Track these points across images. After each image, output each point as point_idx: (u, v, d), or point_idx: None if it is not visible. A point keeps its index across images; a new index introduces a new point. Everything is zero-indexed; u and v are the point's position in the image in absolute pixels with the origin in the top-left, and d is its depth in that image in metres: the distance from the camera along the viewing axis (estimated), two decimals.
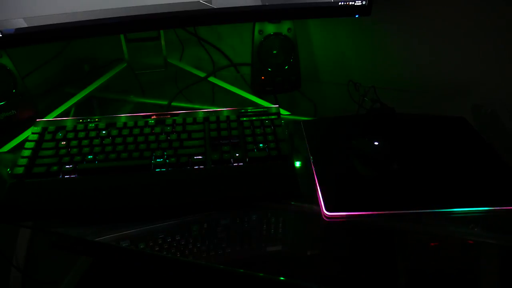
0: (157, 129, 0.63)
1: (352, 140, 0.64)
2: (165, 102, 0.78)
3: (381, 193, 0.57)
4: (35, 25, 0.59)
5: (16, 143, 0.65)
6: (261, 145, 0.61)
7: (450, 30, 0.80)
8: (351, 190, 0.57)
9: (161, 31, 0.78)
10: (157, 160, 0.58)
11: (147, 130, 0.63)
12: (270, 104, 0.76)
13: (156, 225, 0.53)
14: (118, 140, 0.61)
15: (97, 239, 0.51)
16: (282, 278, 0.47)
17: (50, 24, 0.59)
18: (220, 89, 0.83)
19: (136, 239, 0.52)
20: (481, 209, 0.54)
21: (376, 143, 0.63)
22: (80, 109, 0.77)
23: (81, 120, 0.65)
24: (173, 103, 0.79)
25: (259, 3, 0.66)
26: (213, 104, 0.82)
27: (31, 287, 0.80)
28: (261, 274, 0.48)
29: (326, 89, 0.92)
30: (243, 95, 0.80)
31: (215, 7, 0.65)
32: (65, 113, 0.74)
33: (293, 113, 0.76)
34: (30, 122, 0.65)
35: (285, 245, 0.53)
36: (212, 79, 0.84)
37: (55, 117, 0.72)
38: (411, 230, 0.54)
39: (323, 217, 0.54)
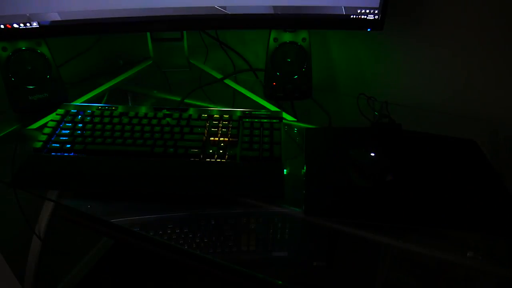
0: (164, 121, 0.68)
1: (350, 150, 0.65)
2: (187, 100, 0.84)
3: (366, 204, 0.57)
4: (67, 19, 0.67)
5: (44, 122, 0.74)
6: (255, 145, 0.64)
7: (474, 51, 0.78)
8: (336, 197, 0.58)
9: (184, 33, 0.84)
10: (158, 148, 0.63)
11: (154, 121, 0.68)
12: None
13: (145, 217, 0.57)
14: (127, 127, 0.67)
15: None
16: (280, 282, 0.48)
17: (80, 19, 0.67)
18: (239, 93, 0.87)
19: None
20: (464, 232, 0.53)
21: (372, 155, 0.63)
22: (108, 98, 0.85)
23: (100, 107, 0.72)
24: (191, 101, 0.84)
25: (271, 11, 0.69)
26: (232, 106, 0.86)
27: (47, 254, 0.88)
28: (261, 276, 0.49)
29: (343, 101, 0.93)
30: (257, 100, 0.83)
31: (229, 13, 0.69)
32: (91, 101, 0.82)
33: (301, 120, 0.78)
34: (59, 105, 0.73)
35: (259, 244, 0.54)
36: (231, 83, 0.88)
37: (80, 103, 0.79)
38: (387, 243, 0.54)
39: (302, 220, 0.55)
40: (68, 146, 0.63)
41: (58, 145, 0.64)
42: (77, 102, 0.80)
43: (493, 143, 0.75)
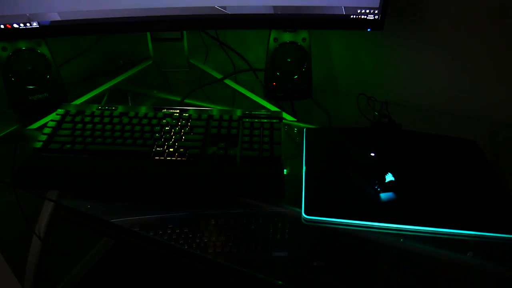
0: (164, 122, 0.68)
1: (350, 150, 0.65)
2: (187, 100, 0.84)
3: (366, 204, 0.57)
4: (67, 19, 0.67)
5: (44, 122, 0.74)
6: (255, 145, 0.64)
7: (474, 51, 0.78)
8: (336, 197, 0.58)
9: (184, 33, 0.84)
10: (158, 149, 0.63)
11: (154, 121, 0.68)
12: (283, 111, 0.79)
13: (145, 217, 0.57)
14: (127, 127, 0.67)
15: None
16: (280, 282, 0.48)
17: (80, 19, 0.67)
18: (239, 93, 0.87)
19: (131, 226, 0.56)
20: (463, 233, 0.53)
21: (372, 155, 0.63)
22: (108, 98, 0.86)
23: (100, 107, 0.72)
24: (191, 101, 0.84)
25: (271, 11, 0.69)
26: (232, 106, 0.86)
27: (47, 254, 0.88)
28: (261, 276, 0.49)
29: (343, 101, 0.93)
30: (257, 100, 0.83)
31: (229, 13, 0.69)
32: (91, 101, 0.82)
33: (301, 120, 0.78)
34: (59, 105, 0.73)
35: (259, 244, 0.54)
36: (231, 83, 0.88)
37: (80, 103, 0.79)
38: (387, 243, 0.54)
39: (302, 220, 0.55)
40: (68, 146, 0.63)
41: (58, 145, 0.63)
42: (77, 102, 0.80)
43: (493, 143, 0.75)
